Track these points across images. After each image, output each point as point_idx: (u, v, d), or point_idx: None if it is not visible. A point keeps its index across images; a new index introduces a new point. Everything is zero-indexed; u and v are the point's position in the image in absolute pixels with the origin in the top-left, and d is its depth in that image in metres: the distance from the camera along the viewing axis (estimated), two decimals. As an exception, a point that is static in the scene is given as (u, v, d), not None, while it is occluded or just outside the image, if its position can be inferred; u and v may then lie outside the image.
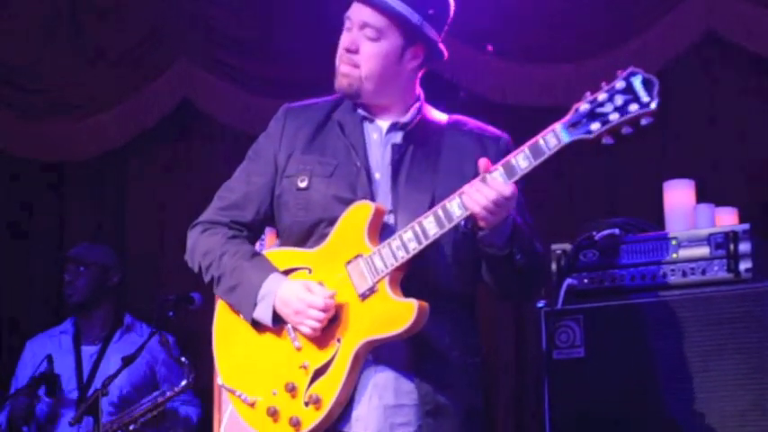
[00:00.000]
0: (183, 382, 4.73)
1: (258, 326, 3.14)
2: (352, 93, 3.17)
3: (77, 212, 6.20)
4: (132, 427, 4.81)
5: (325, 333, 3.04)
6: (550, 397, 3.91)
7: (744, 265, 3.75)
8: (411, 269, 3.04)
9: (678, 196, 4.15)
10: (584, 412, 3.87)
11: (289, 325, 3.09)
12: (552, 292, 3.95)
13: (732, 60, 4.92)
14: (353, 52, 3.14)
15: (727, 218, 4.13)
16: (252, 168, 3.28)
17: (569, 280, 3.95)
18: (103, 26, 5.92)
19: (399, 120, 3.20)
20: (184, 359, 4.74)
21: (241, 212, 3.25)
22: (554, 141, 2.91)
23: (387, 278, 3.01)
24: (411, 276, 3.04)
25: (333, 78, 3.19)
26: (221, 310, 3.24)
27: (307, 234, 3.15)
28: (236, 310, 3.18)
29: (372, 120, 3.22)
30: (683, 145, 4.92)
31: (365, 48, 3.13)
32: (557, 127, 2.92)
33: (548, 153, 2.91)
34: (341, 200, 3.11)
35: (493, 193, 2.92)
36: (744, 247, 3.76)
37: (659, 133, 4.94)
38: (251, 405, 3.11)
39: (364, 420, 3.05)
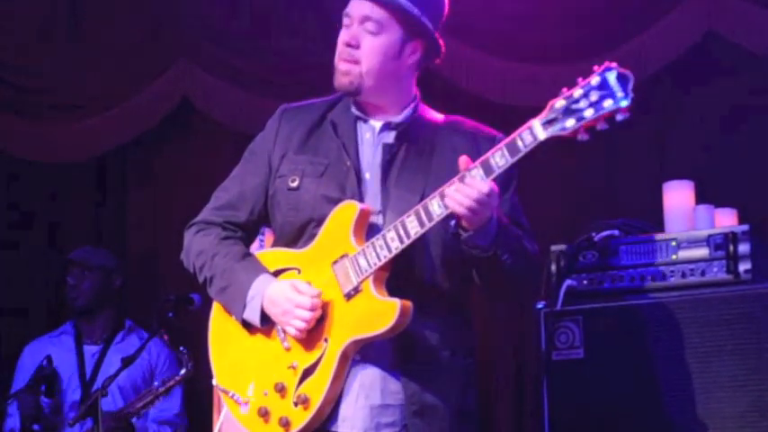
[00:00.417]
0: (183, 371, 4.74)
1: (249, 327, 3.15)
2: (352, 90, 3.17)
3: (77, 213, 6.19)
4: (135, 420, 4.83)
5: (313, 333, 3.05)
6: (550, 398, 3.91)
7: (743, 267, 3.75)
8: (399, 269, 3.03)
9: (677, 197, 4.15)
10: (583, 413, 3.87)
11: (278, 325, 3.10)
12: (552, 293, 3.95)
13: (732, 60, 4.91)
14: (354, 47, 3.14)
15: (726, 219, 4.12)
16: (247, 168, 3.30)
17: (569, 281, 3.95)
18: (103, 26, 5.91)
19: (393, 119, 3.20)
20: (183, 348, 4.73)
21: (235, 212, 3.26)
22: (530, 138, 2.90)
23: (371, 278, 3.01)
24: (399, 276, 3.04)
25: (332, 78, 3.19)
26: (216, 311, 3.25)
27: (298, 234, 3.16)
28: (227, 311, 3.19)
29: (366, 119, 3.22)
30: (683, 145, 4.92)
31: (366, 42, 3.13)
32: (533, 124, 2.91)
33: (524, 150, 2.90)
34: (330, 200, 3.11)
35: (472, 192, 2.91)
36: (743, 249, 3.76)
37: (659, 134, 4.93)
38: (244, 406, 3.11)
39: (351, 420, 3.05)
